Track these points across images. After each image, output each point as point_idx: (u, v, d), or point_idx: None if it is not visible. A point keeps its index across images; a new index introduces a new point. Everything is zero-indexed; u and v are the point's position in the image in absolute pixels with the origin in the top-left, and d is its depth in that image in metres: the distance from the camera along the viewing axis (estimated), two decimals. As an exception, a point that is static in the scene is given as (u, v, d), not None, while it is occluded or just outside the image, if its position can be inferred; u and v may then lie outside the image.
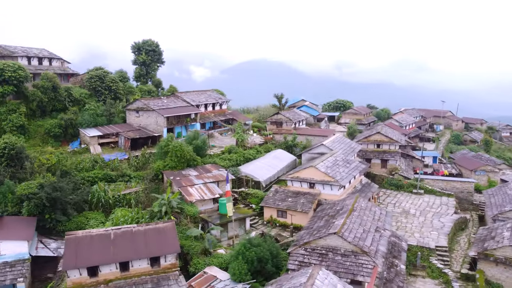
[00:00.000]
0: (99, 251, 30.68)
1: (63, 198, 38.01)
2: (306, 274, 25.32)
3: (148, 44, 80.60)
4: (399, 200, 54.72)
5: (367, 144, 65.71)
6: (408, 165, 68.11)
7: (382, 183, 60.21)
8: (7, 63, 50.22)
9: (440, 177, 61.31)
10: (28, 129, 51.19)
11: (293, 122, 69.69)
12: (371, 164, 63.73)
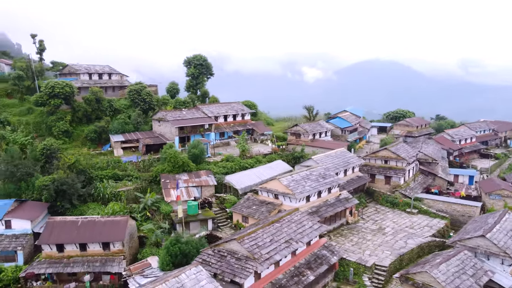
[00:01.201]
0: (67, 233, 40.43)
1: (69, 190, 49.07)
2: (181, 270, 31.37)
3: (197, 58, 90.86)
4: (384, 218, 55.56)
5: (375, 159, 66.40)
6: (421, 182, 66.74)
7: (379, 199, 61.06)
8: (57, 81, 64.23)
9: (442, 198, 59.70)
10: (72, 134, 64.63)
11: (310, 134, 73.20)
12: (375, 180, 64.57)
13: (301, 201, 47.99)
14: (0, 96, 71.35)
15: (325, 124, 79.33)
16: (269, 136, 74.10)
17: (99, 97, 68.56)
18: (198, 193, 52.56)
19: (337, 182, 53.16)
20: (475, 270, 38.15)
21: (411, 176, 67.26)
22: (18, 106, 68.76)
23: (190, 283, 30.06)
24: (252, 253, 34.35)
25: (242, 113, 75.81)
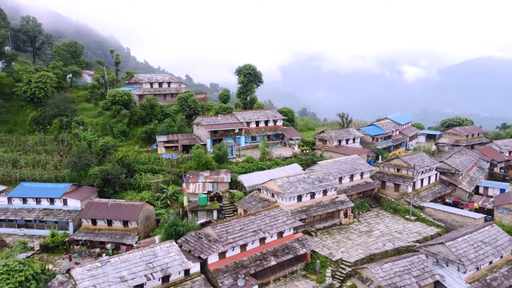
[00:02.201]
0: (99, 212, 53.22)
1: (113, 179, 62.47)
2: (158, 244, 41.53)
3: (246, 68, 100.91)
4: (380, 222, 59.78)
5: (388, 167, 69.90)
6: (436, 192, 68.45)
7: (384, 205, 65.00)
8: (118, 91, 78.99)
9: (443, 208, 61.71)
10: (128, 133, 79.02)
11: (334, 140, 78.60)
12: (386, 187, 68.29)
13: (292, 200, 55.16)
14: (81, 101, 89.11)
15: (354, 131, 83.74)
16: (297, 141, 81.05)
17: (152, 103, 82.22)
18: (213, 188, 62.44)
19: (333, 186, 59.03)
20: (422, 272, 42.35)
21: (426, 185, 69.39)
22: (92, 110, 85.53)
23: (161, 253, 40.09)
24: (219, 236, 43.21)
25: (274, 119, 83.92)
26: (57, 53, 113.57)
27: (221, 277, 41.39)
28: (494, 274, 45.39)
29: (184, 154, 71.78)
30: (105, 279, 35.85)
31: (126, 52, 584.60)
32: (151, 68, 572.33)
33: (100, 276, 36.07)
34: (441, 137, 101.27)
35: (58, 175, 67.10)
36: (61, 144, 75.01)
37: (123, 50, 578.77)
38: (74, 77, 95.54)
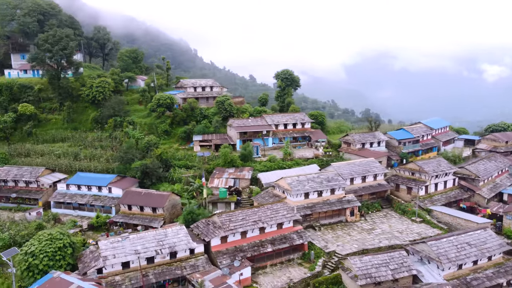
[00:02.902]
0: (134, 199, 63.31)
1: (151, 172, 72.56)
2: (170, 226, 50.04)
3: (283, 73, 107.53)
4: (385, 222, 63.71)
5: (403, 170, 72.85)
6: (451, 196, 70.21)
7: (394, 206, 68.44)
8: (162, 94, 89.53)
9: (449, 212, 63.83)
10: (170, 133, 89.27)
11: (357, 143, 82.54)
12: (399, 189, 71.52)
13: (299, 197, 61.21)
14: (134, 103, 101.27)
15: (379, 135, 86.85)
16: (322, 143, 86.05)
17: (193, 106, 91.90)
18: (235, 183, 70.05)
19: (340, 186, 64.00)
20: (399, 266, 46.81)
21: (442, 189, 71.36)
22: (142, 111, 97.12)
23: (171, 234, 48.63)
24: (222, 224, 50.79)
25: (302, 122, 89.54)
26: (120, 59, 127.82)
27: (220, 257, 48.97)
28: (477, 275, 48.31)
29: (215, 152, 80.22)
30: (123, 250, 45.01)
31: (193, 53, 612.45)
32: (216, 68, 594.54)
33: (119, 248, 45.31)
34: (480, 143, 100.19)
35: (109, 167, 78.64)
36: (114, 141, 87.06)
37: (191, 52, 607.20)
38: (130, 82, 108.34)
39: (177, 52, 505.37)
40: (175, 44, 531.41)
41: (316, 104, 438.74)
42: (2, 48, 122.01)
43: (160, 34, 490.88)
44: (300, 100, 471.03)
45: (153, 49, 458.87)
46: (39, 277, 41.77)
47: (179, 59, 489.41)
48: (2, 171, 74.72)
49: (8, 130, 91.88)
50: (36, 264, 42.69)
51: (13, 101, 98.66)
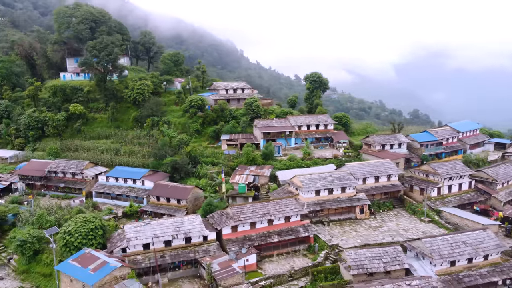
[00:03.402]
0: (162, 191, 70.68)
1: (180, 168, 79.78)
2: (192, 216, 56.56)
3: (312, 76, 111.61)
4: (394, 220, 66.87)
5: (418, 172, 74.96)
6: (466, 198, 71.53)
7: (406, 206, 70.96)
8: (194, 96, 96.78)
9: (458, 213, 65.40)
10: (201, 132, 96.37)
11: (377, 145, 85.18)
12: (413, 190, 73.82)
13: (310, 194, 65.69)
14: (171, 104, 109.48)
15: (401, 137, 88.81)
16: (344, 144, 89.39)
17: (222, 107, 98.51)
18: (254, 180, 75.52)
19: (351, 185, 67.71)
20: (392, 259, 50.46)
21: (456, 191, 72.81)
22: (177, 112, 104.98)
23: (187, 222, 55.09)
24: (233, 215, 56.57)
25: (325, 123, 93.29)
26: (163, 62, 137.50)
27: (230, 245, 54.78)
28: (471, 272, 50.66)
29: (240, 151, 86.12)
30: (144, 233, 52.02)
31: (239, 54, 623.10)
32: (262, 68, 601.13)
33: (141, 231, 52.36)
34: (510, 146, 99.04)
35: (145, 162, 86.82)
36: (151, 139, 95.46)
37: (237, 52, 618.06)
38: (168, 84, 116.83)
39: (223, 53, 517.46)
40: (221, 45, 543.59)
41: (362, 104, 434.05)
42: (59, 53, 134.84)
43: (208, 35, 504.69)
44: (346, 100, 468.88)
45: (201, 50, 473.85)
46: (74, 252, 49.72)
47: (225, 60, 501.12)
48: (53, 164, 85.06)
49: (60, 127, 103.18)
50: (72, 242, 50.71)
51: (66, 101, 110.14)
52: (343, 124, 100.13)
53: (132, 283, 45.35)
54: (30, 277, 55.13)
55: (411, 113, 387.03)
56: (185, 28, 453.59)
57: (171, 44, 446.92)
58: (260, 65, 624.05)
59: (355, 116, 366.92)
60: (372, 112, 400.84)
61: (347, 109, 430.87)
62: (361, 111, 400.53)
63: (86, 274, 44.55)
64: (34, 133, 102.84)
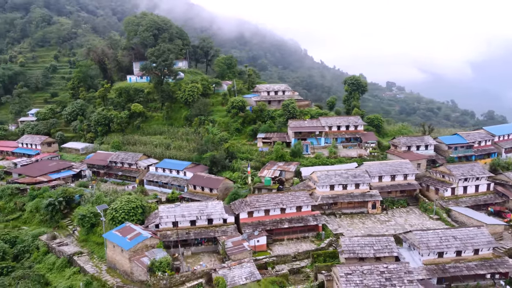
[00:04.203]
0: (198, 181, 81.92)
1: (217, 162, 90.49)
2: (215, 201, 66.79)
3: (350, 79, 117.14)
4: (403, 216, 71.72)
5: (435, 173, 78.49)
6: (481, 200, 74.10)
7: (419, 204, 75.24)
8: (236, 98, 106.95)
9: (466, 212, 68.54)
10: (241, 130, 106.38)
11: (403, 146, 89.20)
12: (429, 190, 77.66)
13: (324, 188, 72.95)
14: (218, 105, 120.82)
15: (428, 139, 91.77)
16: (372, 144, 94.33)
17: (262, 108, 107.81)
18: (281, 174, 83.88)
19: (365, 182, 73.80)
20: (382, 247, 56.63)
21: (472, 192, 75.74)
22: (223, 112, 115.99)
23: (210, 206, 65.32)
24: (250, 202, 65.77)
25: (355, 124, 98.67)
26: (217, 65, 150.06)
27: (245, 227, 64.07)
28: (458, 264, 55.24)
29: (273, 148, 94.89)
30: (174, 213, 63.03)
31: (303, 53, 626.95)
32: (325, 67, 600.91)
33: (172, 211, 63.43)
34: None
35: (190, 156, 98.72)
36: (197, 135, 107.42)
37: (301, 52, 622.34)
38: (216, 86, 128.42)
39: (286, 52, 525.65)
40: (285, 44, 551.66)
41: (431, 104, 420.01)
42: (128, 57, 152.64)
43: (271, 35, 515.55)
44: (413, 100, 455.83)
45: (264, 51, 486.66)
46: (117, 225, 62.07)
47: (288, 59, 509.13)
48: (114, 155, 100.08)
49: (123, 124, 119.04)
50: (117, 217, 63.19)
51: (129, 101, 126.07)
52: (374, 126, 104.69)
53: (159, 251, 56.40)
54: (88, 244, 68.53)
55: (485, 114, 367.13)
56: (248, 28, 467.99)
57: (235, 45, 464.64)
58: (324, 65, 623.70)
59: (422, 117, 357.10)
60: (442, 113, 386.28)
61: (414, 110, 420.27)
62: (429, 111, 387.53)
63: (124, 241, 56.36)
64: (102, 128, 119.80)
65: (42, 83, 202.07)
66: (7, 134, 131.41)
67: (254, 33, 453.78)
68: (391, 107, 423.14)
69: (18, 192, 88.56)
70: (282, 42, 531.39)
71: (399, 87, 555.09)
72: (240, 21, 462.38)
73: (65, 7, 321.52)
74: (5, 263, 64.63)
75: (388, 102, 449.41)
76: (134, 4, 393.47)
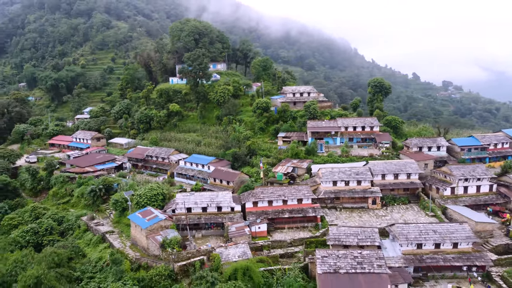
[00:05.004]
0: (218, 174, 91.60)
1: (238, 158, 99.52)
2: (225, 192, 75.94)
3: (373, 81, 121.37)
4: (401, 212, 76.44)
5: (438, 173, 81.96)
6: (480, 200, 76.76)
7: (419, 202, 79.41)
8: (260, 99, 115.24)
9: (460, 210, 71.87)
10: (265, 129, 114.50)
11: (414, 147, 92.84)
12: (432, 188, 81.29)
13: (328, 183, 79.46)
14: (247, 105, 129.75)
15: (441, 141, 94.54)
16: (386, 145, 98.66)
17: (285, 109, 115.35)
18: (293, 170, 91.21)
19: (366, 179, 79.33)
20: (365, 237, 62.64)
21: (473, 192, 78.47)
22: (250, 112, 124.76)
23: (220, 196, 74.53)
24: (255, 193, 74.07)
25: (371, 125, 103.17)
26: (253, 67, 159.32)
27: (249, 215, 72.50)
28: (436, 255, 60.02)
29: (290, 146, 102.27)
30: (188, 200, 72.82)
31: (353, 52, 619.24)
32: (376, 66, 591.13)
33: (186, 199, 73.30)
34: None
35: (216, 152, 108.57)
36: (225, 133, 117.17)
37: (351, 51, 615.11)
38: (247, 88, 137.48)
39: (335, 51, 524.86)
40: (334, 43, 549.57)
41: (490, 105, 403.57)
42: (172, 60, 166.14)
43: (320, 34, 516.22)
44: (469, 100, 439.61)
45: (312, 50, 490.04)
46: (141, 208, 72.94)
47: (336, 58, 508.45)
48: (150, 150, 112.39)
49: (162, 122, 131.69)
50: (140, 201, 74.27)
51: (169, 101, 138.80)
52: (392, 127, 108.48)
53: (172, 231, 66.42)
54: (119, 225, 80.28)
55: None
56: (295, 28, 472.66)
57: (283, 45, 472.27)
58: (374, 63, 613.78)
59: (479, 118, 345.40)
60: (500, 114, 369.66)
61: (469, 111, 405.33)
62: (486, 112, 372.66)
63: (143, 221, 66.98)
64: (144, 126, 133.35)
65: (99, 83, 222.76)
66: (64, 130, 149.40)
67: (301, 32, 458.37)
68: (444, 107, 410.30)
69: (68, 180, 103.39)
70: (331, 41, 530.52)
71: (456, 86, 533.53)
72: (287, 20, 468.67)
73: (124, 12, 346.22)
74: (52, 237, 77.89)
75: (442, 102, 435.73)
76: (186, 7, 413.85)
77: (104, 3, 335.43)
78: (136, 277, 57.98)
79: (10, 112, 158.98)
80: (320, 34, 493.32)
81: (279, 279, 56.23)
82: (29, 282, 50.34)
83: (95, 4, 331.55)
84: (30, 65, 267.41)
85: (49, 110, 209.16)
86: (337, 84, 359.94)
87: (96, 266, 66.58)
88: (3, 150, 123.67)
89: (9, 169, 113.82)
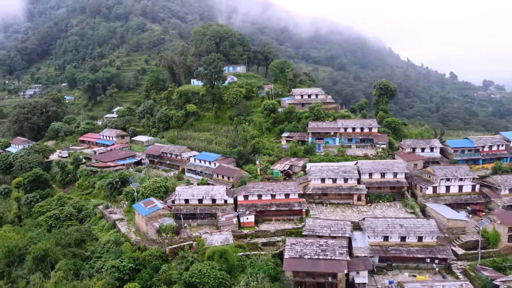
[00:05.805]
0: (220, 170, 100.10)
1: (242, 155, 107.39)
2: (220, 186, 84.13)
3: (379, 83, 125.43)
4: (382, 208, 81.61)
5: (423, 173, 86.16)
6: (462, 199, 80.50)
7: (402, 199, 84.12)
8: (267, 101, 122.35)
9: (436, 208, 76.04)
10: (271, 130, 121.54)
11: (407, 148, 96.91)
12: (416, 187, 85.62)
13: (316, 180, 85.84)
14: (258, 107, 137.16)
15: (434, 142, 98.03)
16: (382, 145, 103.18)
17: (291, 110, 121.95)
18: (290, 168, 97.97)
19: (353, 177, 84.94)
20: (338, 229, 69.04)
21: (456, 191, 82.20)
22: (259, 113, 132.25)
23: (216, 189, 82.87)
24: (246, 188, 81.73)
25: (369, 127, 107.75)
26: (271, 69, 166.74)
27: (240, 207, 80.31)
28: (400, 248, 65.41)
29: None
30: (186, 192, 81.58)
31: (387, 52, 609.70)
32: (411, 66, 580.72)
33: (185, 191, 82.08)
34: None
35: (225, 150, 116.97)
36: (235, 133, 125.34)
37: (384, 50, 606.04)
38: (259, 90, 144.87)
39: (368, 51, 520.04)
40: (367, 43, 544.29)
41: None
42: (195, 63, 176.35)
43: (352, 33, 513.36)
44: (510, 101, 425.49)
45: (344, 50, 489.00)
46: (144, 198, 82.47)
47: (369, 58, 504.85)
48: (165, 147, 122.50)
49: (179, 121, 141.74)
50: (145, 193, 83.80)
51: (187, 102, 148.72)
52: (392, 128, 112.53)
53: (168, 219, 75.44)
54: (129, 214, 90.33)
55: None
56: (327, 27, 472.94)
57: (314, 45, 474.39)
58: (410, 62, 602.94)
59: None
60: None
61: (509, 111, 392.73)
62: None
63: (144, 210, 76.42)
64: (163, 125, 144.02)
65: (133, 84, 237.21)
66: (94, 128, 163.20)
67: (332, 31, 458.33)
68: (482, 108, 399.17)
69: (91, 174, 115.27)
70: (364, 40, 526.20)
71: (497, 86, 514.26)
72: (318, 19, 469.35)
73: (159, 15, 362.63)
74: (71, 222, 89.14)
75: (480, 102, 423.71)
76: (218, 9, 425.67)
77: (140, 7, 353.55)
78: (132, 257, 67.28)
79: (48, 111, 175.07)
80: (352, 33, 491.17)
81: (253, 262, 63.70)
82: (37, 253, 60.79)
83: (132, 8, 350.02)
84: (71, 66, 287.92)
85: (86, 109, 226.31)
86: (366, 84, 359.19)
87: (104, 248, 76.67)
88: (39, 146, 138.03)
89: (42, 163, 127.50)
